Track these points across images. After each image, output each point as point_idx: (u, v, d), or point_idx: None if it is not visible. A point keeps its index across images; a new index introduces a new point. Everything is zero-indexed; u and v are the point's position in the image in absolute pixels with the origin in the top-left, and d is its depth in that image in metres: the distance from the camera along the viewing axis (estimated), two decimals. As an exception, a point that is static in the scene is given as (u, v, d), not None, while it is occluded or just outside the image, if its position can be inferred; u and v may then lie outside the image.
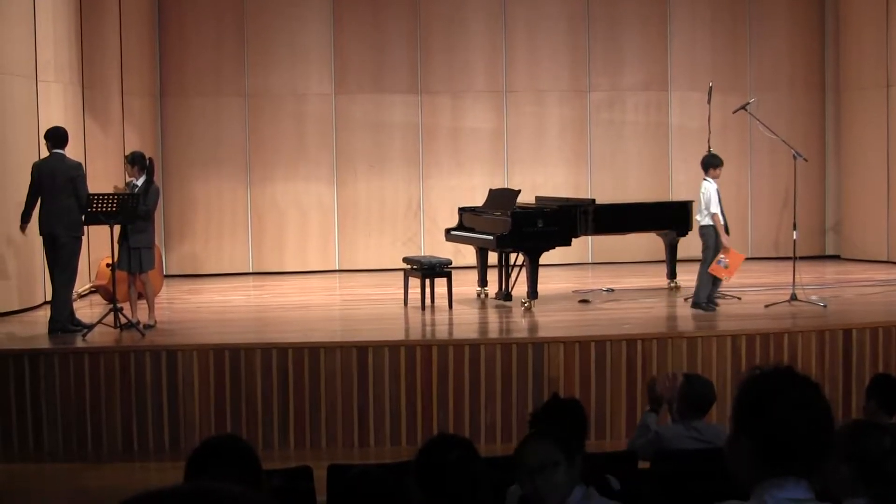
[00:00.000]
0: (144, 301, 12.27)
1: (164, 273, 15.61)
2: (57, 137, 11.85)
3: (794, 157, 13.33)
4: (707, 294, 12.80)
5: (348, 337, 11.34)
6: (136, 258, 11.94)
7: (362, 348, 10.58)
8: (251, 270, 17.36)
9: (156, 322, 12.06)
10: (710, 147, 14.06)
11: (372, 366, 10.53)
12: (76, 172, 11.78)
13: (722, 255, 12.78)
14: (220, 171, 17.39)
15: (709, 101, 14.21)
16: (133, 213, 11.61)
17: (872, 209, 17.73)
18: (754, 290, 14.05)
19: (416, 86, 17.74)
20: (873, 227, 17.74)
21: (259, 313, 13.91)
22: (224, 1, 17.37)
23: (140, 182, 12.04)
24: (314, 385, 10.48)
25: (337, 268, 17.54)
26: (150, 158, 12.32)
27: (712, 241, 12.87)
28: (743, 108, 14.09)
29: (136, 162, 12.21)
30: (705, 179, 12.90)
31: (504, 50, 17.92)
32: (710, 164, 12.97)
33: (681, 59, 18.28)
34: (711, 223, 12.83)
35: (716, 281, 12.90)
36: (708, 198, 12.79)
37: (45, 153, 12.08)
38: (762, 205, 18.37)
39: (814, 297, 12.90)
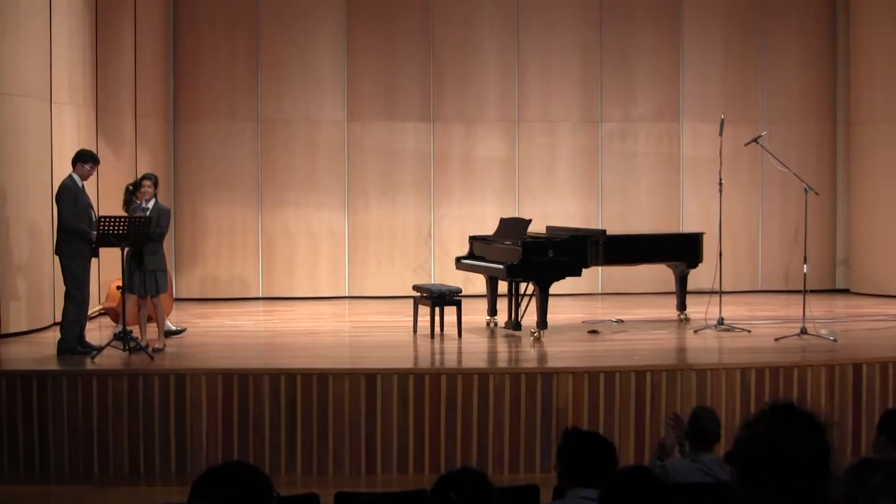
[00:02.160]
0: (154, 324, 12.29)
1: (175, 296, 15.64)
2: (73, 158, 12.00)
3: (806, 191, 13.33)
4: None
5: (357, 364, 11.33)
6: (151, 281, 11.99)
7: (371, 375, 10.57)
8: (261, 295, 17.38)
9: (164, 345, 12.08)
10: (721, 179, 14.04)
11: (380, 393, 10.52)
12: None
13: None
14: (231, 195, 17.43)
15: (720, 133, 14.21)
16: (145, 236, 11.64)
17: (883, 243, 17.71)
18: (764, 323, 14.02)
19: (429, 114, 17.78)
20: (884, 261, 17.72)
21: (268, 338, 13.90)
22: (239, 27, 17.44)
23: (149, 204, 12.06)
24: (322, 412, 10.47)
25: (347, 294, 17.55)
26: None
27: None
28: (754, 140, 14.08)
29: (157, 184, 12.29)
30: None
31: (516, 79, 17.95)
32: None
33: (692, 90, 18.31)
34: None
35: None
36: None
37: (59, 174, 12.13)
38: (773, 237, 18.36)
39: (823, 331, 12.88)
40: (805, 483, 3.06)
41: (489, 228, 14.36)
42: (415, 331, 13.18)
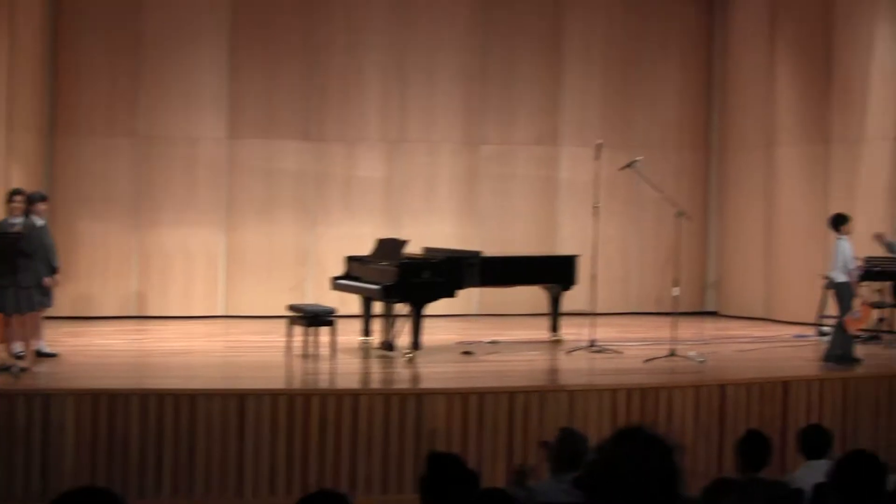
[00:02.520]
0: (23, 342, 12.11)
1: (46, 314, 15.40)
2: None
3: (678, 215, 13.58)
4: (846, 349, 13.01)
5: (229, 384, 11.24)
6: (24, 298, 11.79)
7: (242, 396, 10.51)
8: (135, 314, 17.16)
9: (32, 365, 11.88)
10: (596, 202, 14.22)
11: (252, 414, 10.46)
12: None
13: (856, 309, 13.13)
14: (108, 211, 17.22)
15: (597, 158, 14.41)
16: (17, 252, 11.46)
17: (751, 267, 18.11)
18: (635, 345, 14.22)
19: (310, 133, 17.75)
20: (751, 284, 18.11)
21: (139, 358, 13.77)
22: (119, 41, 17.25)
23: (18, 220, 11.88)
24: (191, 433, 10.37)
25: (222, 313, 17.43)
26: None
27: (848, 297, 13.11)
28: (629, 165, 14.30)
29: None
30: (838, 238, 13.12)
31: (398, 100, 18.01)
32: (840, 222, 13.27)
33: (571, 116, 18.54)
34: (847, 279, 13.04)
35: (848, 336, 13.19)
36: (844, 255, 13.06)
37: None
38: (646, 261, 18.64)
39: (692, 353, 13.11)
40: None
41: (368, 249, 14.37)
42: (288, 351, 13.13)
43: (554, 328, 14.49)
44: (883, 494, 5.13)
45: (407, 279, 12.76)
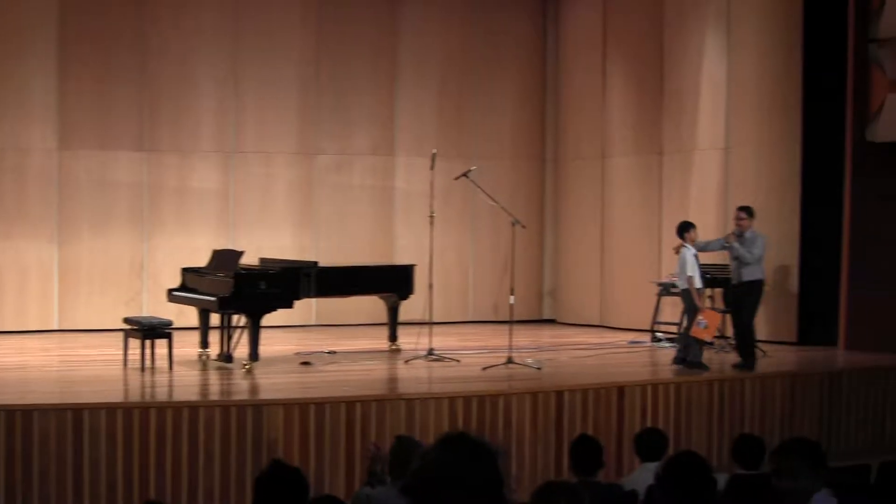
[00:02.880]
0: None
1: None
2: None
3: (513, 224, 13.78)
4: (697, 357, 13.26)
5: (65, 399, 11.09)
6: None
7: (78, 410, 10.33)
8: (-35, 329, 16.77)
9: None
10: (432, 212, 14.35)
11: (88, 429, 10.29)
12: None
13: (700, 317, 13.32)
14: (-66, 225, 16.79)
15: (432, 167, 14.54)
16: None
17: (586, 275, 18.44)
18: (473, 353, 14.38)
19: (143, 143, 17.54)
20: (587, 292, 18.44)
21: (-29, 374, 13.46)
22: (-58, 51, 16.84)
23: None
24: (27, 449, 10.15)
25: (57, 328, 17.11)
26: None
27: (690, 304, 13.35)
28: (464, 175, 14.47)
29: None
30: (683, 246, 13.30)
31: (233, 111, 17.91)
32: (685, 229, 13.62)
33: (407, 125, 18.66)
34: (688, 286, 13.19)
35: (702, 343, 13.34)
36: (683, 263, 13.37)
37: None
38: (483, 269, 18.85)
39: (529, 360, 13.30)
40: None
41: (203, 260, 14.24)
42: (125, 364, 12.96)
43: (392, 338, 14.56)
44: (710, 494, 5.28)
45: (243, 290, 12.70)
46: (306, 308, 17.08)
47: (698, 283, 13.57)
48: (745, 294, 13.62)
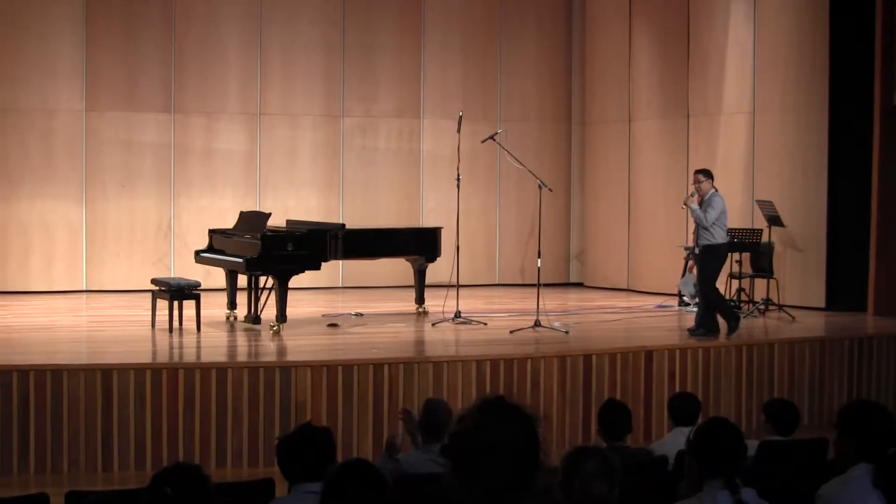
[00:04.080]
0: None
1: None
2: None
3: (540, 187, 13.74)
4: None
5: (93, 359, 11.12)
6: None
7: (107, 371, 10.38)
8: (-7, 289, 16.84)
9: None
10: (458, 175, 14.32)
11: (117, 389, 10.34)
12: None
13: None
14: (-39, 186, 16.84)
15: (458, 130, 14.49)
16: None
17: (613, 239, 18.39)
18: (500, 316, 14.37)
19: (170, 105, 17.54)
20: (614, 256, 18.39)
21: (0, 334, 13.51)
22: (-31, 12, 16.84)
23: None
24: (56, 409, 10.22)
25: (84, 288, 17.17)
26: None
27: None
28: (491, 137, 14.43)
29: None
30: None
31: (259, 72, 17.89)
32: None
33: (433, 88, 18.60)
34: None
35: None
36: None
37: None
38: (509, 233, 18.82)
39: (556, 324, 13.29)
40: (515, 473, 3.20)
41: (230, 222, 14.27)
42: (153, 325, 13.00)
43: (419, 300, 14.56)
44: (741, 461, 5.27)
45: (270, 252, 12.71)
46: (333, 270, 17.11)
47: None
48: (704, 259, 13.13)
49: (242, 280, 13.75)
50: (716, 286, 13.30)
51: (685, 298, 15.73)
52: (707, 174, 13.11)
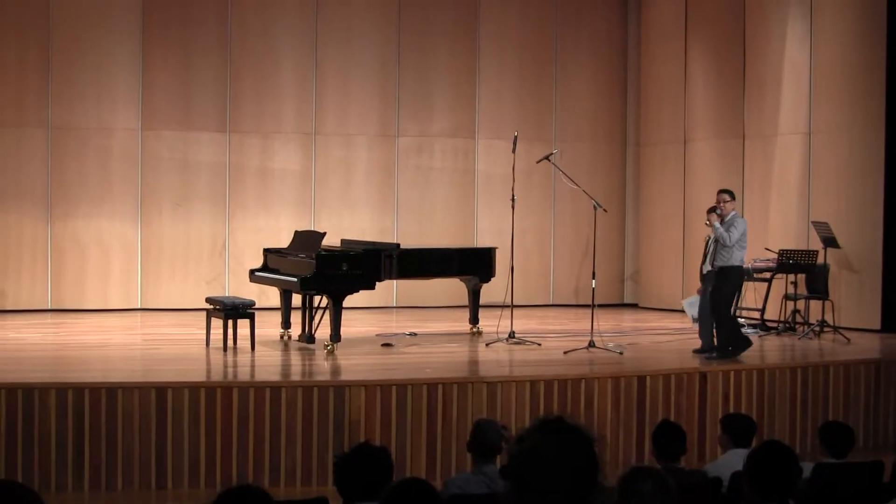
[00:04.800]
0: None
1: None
2: None
3: (595, 208, 13.70)
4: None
5: (148, 378, 11.19)
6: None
7: (161, 389, 10.43)
8: (49, 307, 16.98)
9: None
10: (513, 195, 14.31)
11: (171, 407, 10.39)
12: None
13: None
14: (20, 204, 16.98)
15: (514, 150, 14.50)
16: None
17: (668, 260, 18.30)
18: (554, 337, 14.33)
19: (225, 124, 17.65)
20: (668, 277, 18.30)
21: (56, 352, 13.63)
22: (29, 30, 16.98)
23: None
24: (111, 426, 10.27)
25: (139, 307, 17.29)
26: None
27: None
28: (546, 158, 14.41)
29: None
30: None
31: (314, 92, 17.98)
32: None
33: (488, 108, 18.62)
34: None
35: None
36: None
37: None
38: (564, 253, 18.79)
39: (611, 345, 13.23)
40: (574, 494, 3.18)
41: (284, 241, 14.34)
42: (207, 344, 13.06)
43: (474, 320, 14.55)
44: (795, 484, 5.23)
45: (325, 271, 12.74)
46: (387, 290, 17.15)
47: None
48: (720, 280, 12.87)
49: (297, 299, 13.78)
50: (730, 308, 13.13)
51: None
52: (731, 194, 13.01)
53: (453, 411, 10.87)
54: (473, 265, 14.36)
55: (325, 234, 13.48)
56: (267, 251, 14.18)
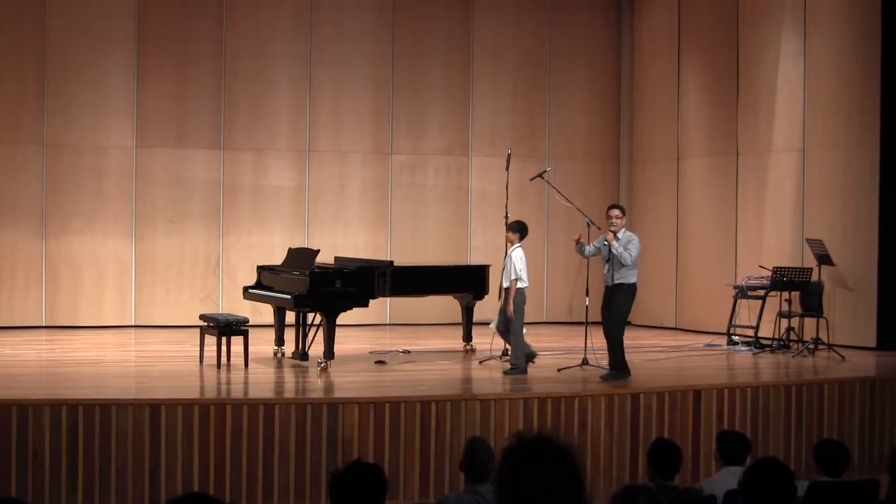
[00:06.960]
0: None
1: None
2: None
3: (588, 225, 13.71)
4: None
5: (142, 394, 11.20)
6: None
7: (155, 406, 10.43)
8: (44, 324, 16.96)
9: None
10: (507, 212, 14.34)
11: (165, 424, 10.38)
12: None
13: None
14: (14, 221, 16.97)
15: (507, 168, 14.51)
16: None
17: (662, 277, 18.30)
18: (548, 354, 14.31)
19: (219, 142, 17.66)
20: (662, 294, 18.30)
21: (50, 368, 13.62)
22: (25, 48, 17.01)
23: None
24: (105, 443, 10.27)
25: (133, 323, 17.27)
26: None
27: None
28: (539, 175, 14.43)
29: None
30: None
31: (308, 110, 17.99)
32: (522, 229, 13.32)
33: (481, 126, 18.65)
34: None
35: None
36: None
37: None
38: (557, 270, 18.79)
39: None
40: None
41: (278, 258, 14.35)
42: (201, 361, 13.05)
43: (467, 338, 14.57)
44: (791, 501, 5.23)
45: (319, 289, 12.75)
46: (380, 307, 17.16)
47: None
48: (613, 297, 12.61)
49: (290, 316, 13.79)
50: (623, 328, 12.84)
51: (734, 337, 15.65)
52: (623, 210, 12.93)
53: (447, 429, 10.87)
54: (467, 282, 14.40)
55: (318, 251, 13.49)
56: (261, 268, 14.19)
